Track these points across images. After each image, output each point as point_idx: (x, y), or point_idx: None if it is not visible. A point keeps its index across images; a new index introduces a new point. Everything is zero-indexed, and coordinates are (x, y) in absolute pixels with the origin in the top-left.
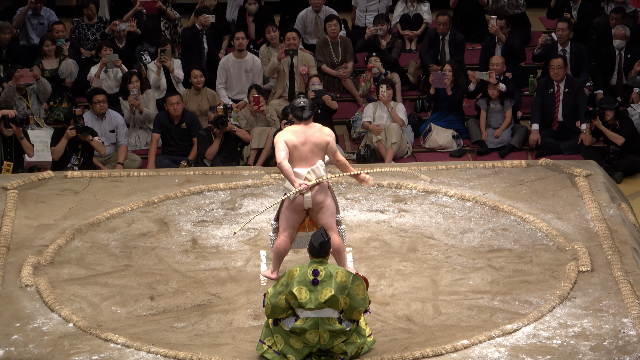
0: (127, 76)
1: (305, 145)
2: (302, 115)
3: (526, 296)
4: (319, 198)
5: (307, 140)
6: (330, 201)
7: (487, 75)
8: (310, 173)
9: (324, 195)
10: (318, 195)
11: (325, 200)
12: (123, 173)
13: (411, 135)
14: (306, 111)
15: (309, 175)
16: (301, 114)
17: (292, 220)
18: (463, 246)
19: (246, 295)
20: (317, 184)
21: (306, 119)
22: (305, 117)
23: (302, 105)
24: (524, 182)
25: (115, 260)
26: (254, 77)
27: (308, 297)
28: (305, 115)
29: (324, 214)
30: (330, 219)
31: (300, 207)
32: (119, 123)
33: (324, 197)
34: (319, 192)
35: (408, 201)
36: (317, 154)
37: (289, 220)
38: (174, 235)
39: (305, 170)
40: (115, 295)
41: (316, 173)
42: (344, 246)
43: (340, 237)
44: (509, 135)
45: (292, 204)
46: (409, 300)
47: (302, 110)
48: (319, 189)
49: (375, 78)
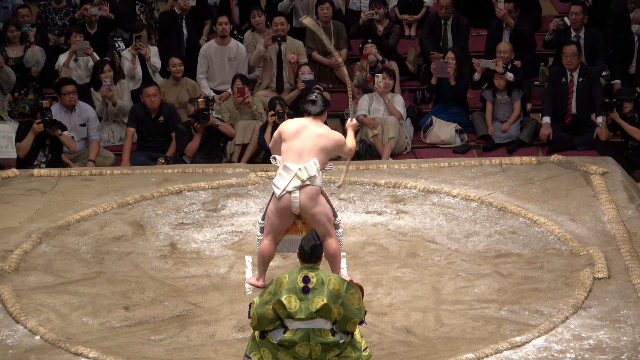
0: (98, 65)
1: (304, 140)
2: (310, 110)
3: (537, 306)
4: (309, 204)
5: (308, 136)
6: (323, 208)
7: (493, 63)
8: (302, 170)
9: (315, 201)
10: (308, 201)
11: (315, 207)
12: (95, 171)
13: (410, 129)
14: (316, 106)
15: (300, 172)
16: (309, 108)
17: (276, 224)
18: (467, 251)
19: (230, 305)
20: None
21: (314, 114)
22: (314, 113)
23: (312, 99)
24: (534, 181)
25: (87, 267)
26: (238, 66)
27: (298, 306)
28: (314, 111)
29: (316, 222)
30: (325, 226)
31: (287, 211)
32: (90, 116)
33: (314, 204)
34: (310, 198)
35: (407, 202)
36: (315, 154)
37: (273, 224)
38: (150, 240)
39: (297, 166)
40: (87, 305)
41: (308, 171)
42: (340, 252)
43: (337, 240)
44: (517, 129)
45: (278, 206)
46: (409, 310)
47: (312, 104)
48: (310, 194)
49: (372, 67)
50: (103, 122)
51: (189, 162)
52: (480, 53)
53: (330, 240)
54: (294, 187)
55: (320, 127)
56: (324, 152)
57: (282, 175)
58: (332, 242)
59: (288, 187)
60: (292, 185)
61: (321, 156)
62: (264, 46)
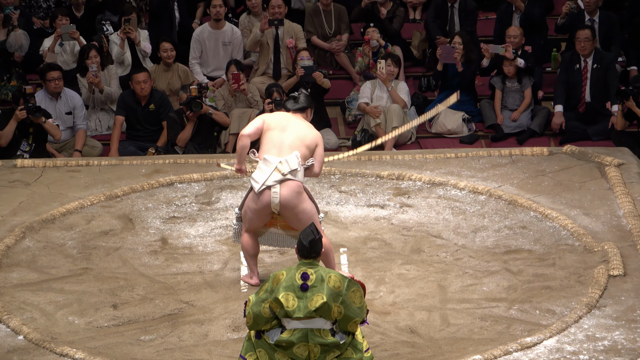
0: (85, 50)
1: (285, 132)
2: (289, 106)
3: (548, 304)
4: (291, 201)
5: (291, 129)
6: (306, 205)
7: (503, 49)
8: (283, 163)
9: (297, 200)
10: (290, 198)
11: (298, 206)
12: (81, 162)
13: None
14: (296, 103)
15: (281, 165)
16: (288, 104)
17: (253, 222)
18: (475, 247)
19: (224, 304)
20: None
21: (293, 110)
22: (292, 109)
23: (294, 95)
24: (545, 173)
25: (73, 263)
26: (233, 51)
27: (296, 304)
28: (292, 107)
29: (299, 221)
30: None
31: (266, 208)
32: (76, 104)
33: (297, 201)
34: (291, 194)
35: (411, 194)
36: (297, 147)
37: (250, 221)
38: (140, 234)
39: (277, 159)
40: (73, 304)
41: (289, 164)
42: (331, 247)
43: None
44: (528, 118)
45: (257, 202)
46: (413, 309)
47: (293, 100)
48: (291, 189)
49: (374, 52)
50: (90, 110)
51: (180, 153)
52: (489, 38)
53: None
54: (274, 181)
55: (303, 121)
56: (306, 147)
57: (261, 168)
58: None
59: (268, 181)
60: (273, 179)
61: (303, 150)
62: (261, 30)
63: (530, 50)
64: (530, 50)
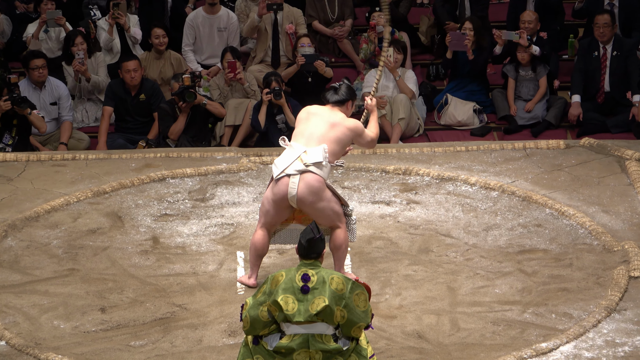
0: (71, 36)
1: (316, 126)
2: (328, 97)
3: (565, 308)
4: (308, 198)
5: (321, 122)
6: (327, 203)
7: (516, 35)
8: (308, 153)
9: (318, 196)
10: (307, 194)
11: (317, 203)
12: (67, 156)
13: (423, 109)
14: (337, 95)
15: (305, 155)
16: (328, 95)
17: (270, 214)
18: (487, 246)
19: (219, 307)
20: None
21: (332, 102)
22: (331, 101)
23: (335, 86)
24: (562, 167)
25: (58, 264)
26: (229, 37)
27: (296, 308)
28: (332, 99)
29: (318, 217)
30: (331, 219)
31: (283, 200)
32: (62, 94)
33: (316, 198)
34: (310, 190)
35: (419, 190)
36: (326, 141)
37: (267, 213)
38: (130, 233)
39: (303, 148)
40: (58, 307)
41: (314, 156)
42: (347, 245)
43: (347, 232)
44: (543, 109)
45: (274, 191)
46: (421, 313)
47: (333, 91)
48: (310, 185)
49: (380, 39)
50: (76, 101)
51: (173, 146)
52: (502, 23)
53: (338, 230)
54: (295, 170)
55: (336, 114)
56: (336, 143)
57: (285, 155)
58: (340, 233)
59: (288, 169)
60: (293, 168)
61: (333, 146)
62: (258, 15)
63: (546, 36)
64: (545, 37)
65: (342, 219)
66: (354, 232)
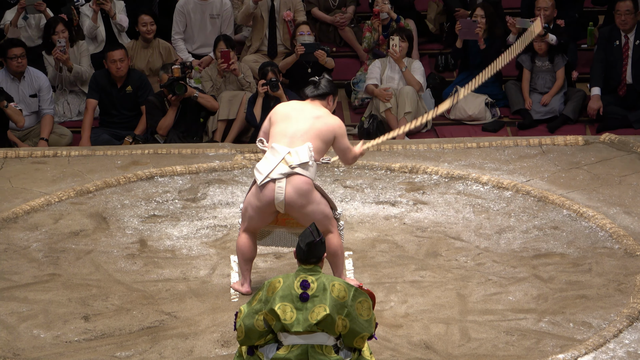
0: (52, 23)
1: (298, 123)
2: (307, 92)
3: (584, 316)
4: (297, 201)
5: (302, 119)
6: (316, 206)
7: (532, 23)
8: (292, 154)
9: (306, 198)
10: (296, 197)
11: (306, 206)
12: (48, 152)
13: (431, 102)
14: (316, 89)
15: (289, 156)
16: (307, 90)
17: (254, 220)
18: (500, 250)
19: (211, 315)
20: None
21: (312, 97)
22: (311, 95)
23: (314, 79)
24: (580, 165)
25: (38, 268)
26: (222, 25)
27: (295, 317)
28: (311, 93)
29: (307, 222)
30: (322, 223)
31: (269, 205)
32: (42, 85)
33: (305, 201)
34: (298, 193)
35: (427, 190)
36: (310, 138)
37: (250, 219)
38: (115, 235)
39: (287, 149)
40: (38, 315)
41: (299, 156)
42: (342, 250)
43: (339, 236)
44: (560, 102)
45: (259, 197)
46: (428, 322)
47: (313, 85)
48: (298, 187)
49: (385, 26)
50: (58, 93)
51: (162, 142)
52: (516, 10)
53: (330, 236)
54: (280, 174)
55: (319, 109)
56: (321, 139)
57: (267, 158)
58: (333, 239)
59: (272, 173)
60: (278, 172)
61: (317, 143)
62: (254, 1)
63: (564, 24)
64: (563, 25)
65: (333, 222)
66: (342, 239)
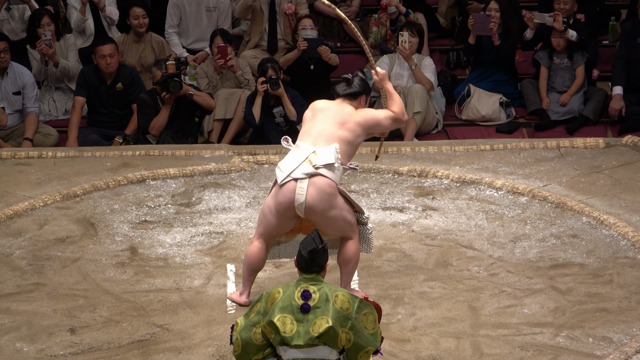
0: (37, 15)
1: (324, 124)
2: (338, 90)
3: (604, 330)
4: (319, 205)
5: (330, 120)
6: (339, 212)
7: (550, 18)
8: (317, 154)
9: (328, 203)
10: (318, 200)
11: (329, 211)
12: (32, 153)
13: (442, 101)
14: (349, 87)
15: (314, 156)
16: (338, 88)
17: (272, 225)
18: (515, 260)
19: (206, 328)
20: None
21: (343, 95)
22: (342, 94)
23: (347, 77)
24: (601, 169)
25: (21, 277)
26: (219, 18)
27: (295, 329)
28: (342, 91)
29: (328, 228)
30: (343, 230)
31: (289, 208)
32: (26, 82)
33: (327, 206)
34: (321, 196)
35: (437, 195)
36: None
37: (268, 224)
38: (104, 242)
39: (312, 148)
40: (21, 327)
41: (325, 156)
42: (358, 259)
43: (359, 244)
44: (580, 102)
45: (278, 198)
46: (438, 336)
47: (346, 84)
48: (321, 190)
49: (393, 20)
50: (43, 90)
51: (154, 142)
52: (533, 4)
53: (350, 242)
54: (303, 173)
55: (346, 109)
56: (347, 143)
57: (290, 156)
58: (352, 245)
59: (295, 172)
60: (301, 171)
61: (343, 146)
62: None
63: (584, 18)
64: (583, 19)
65: (355, 229)
66: (370, 243)
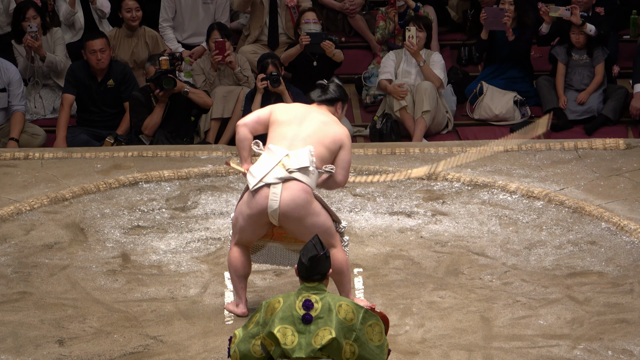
0: (22, 8)
1: (301, 126)
2: (313, 96)
3: (624, 343)
4: (294, 211)
5: (308, 123)
6: (317, 219)
7: (568, 11)
8: (290, 157)
9: (303, 209)
10: (292, 206)
11: (304, 218)
12: (18, 154)
13: (452, 100)
14: (324, 93)
15: (287, 159)
16: (313, 94)
17: (246, 233)
18: (530, 268)
19: (203, 339)
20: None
21: (318, 101)
22: (317, 100)
23: (322, 83)
24: (621, 172)
25: (7, 286)
26: (217, 11)
27: (296, 341)
28: (317, 97)
29: (305, 236)
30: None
31: (262, 215)
32: (11, 79)
33: (302, 213)
34: (295, 202)
35: (447, 199)
36: (313, 143)
37: (241, 230)
38: (94, 249)
39: (285, 151)
40: (6, 338)
41: (299, 160)
42: (348, 267)
43: (344, 251)
44: (599, 101)
45: (251, 204)
46: (448, 349)
47: (321, 90)
48: (295, 195)
49: (401, 14)
50: (30, 87)
51: (147, 143)
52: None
53: (334, 251)
54: (276, 178)
55: (326, 115)
56: (325, 147)
57: (262, 161)
58: (337, 254)
59: (267, 177)
60: (274, 176)
61: (320, 149)
62: None
63: (603, 12)
64: (603, 13)
65: (336, 236)
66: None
